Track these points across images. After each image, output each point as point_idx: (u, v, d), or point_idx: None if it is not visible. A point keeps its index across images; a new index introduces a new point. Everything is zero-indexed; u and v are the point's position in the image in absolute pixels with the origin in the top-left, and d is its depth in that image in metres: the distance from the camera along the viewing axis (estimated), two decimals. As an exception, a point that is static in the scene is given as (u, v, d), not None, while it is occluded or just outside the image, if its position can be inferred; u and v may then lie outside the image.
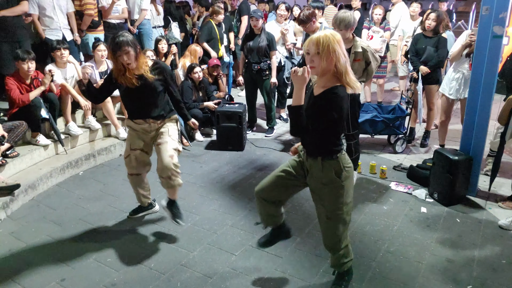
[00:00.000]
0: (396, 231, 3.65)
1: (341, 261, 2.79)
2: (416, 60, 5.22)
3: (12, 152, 4.27)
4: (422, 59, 5.16)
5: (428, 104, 5.45)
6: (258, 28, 5.57)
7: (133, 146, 3.54)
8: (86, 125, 5.29)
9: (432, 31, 5.09)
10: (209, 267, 3.20)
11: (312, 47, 2.33)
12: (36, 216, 3.93)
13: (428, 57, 5.11)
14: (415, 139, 5.72)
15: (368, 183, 4.51)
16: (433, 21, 5.01)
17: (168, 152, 3.35)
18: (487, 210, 3.98)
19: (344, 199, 2.55)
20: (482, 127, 4.03)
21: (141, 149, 3.55)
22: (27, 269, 3.18)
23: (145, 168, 3.68)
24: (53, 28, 5.47)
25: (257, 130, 6.20)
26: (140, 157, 3.58)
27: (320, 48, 2.30)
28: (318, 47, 2.31)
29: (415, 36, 5.38)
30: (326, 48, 2.30)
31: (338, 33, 2.39)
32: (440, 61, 5.14)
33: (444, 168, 4.02)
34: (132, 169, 3.62)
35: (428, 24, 5.06)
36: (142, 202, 3.86)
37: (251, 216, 3.89)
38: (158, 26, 7.05)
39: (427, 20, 5.07)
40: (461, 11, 14.61)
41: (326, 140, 2.46)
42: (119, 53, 3.17)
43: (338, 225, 2.62)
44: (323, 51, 2.30)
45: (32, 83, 4.62)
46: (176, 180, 3.39)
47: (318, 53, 2.31)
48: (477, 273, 3.13)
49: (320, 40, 2.31)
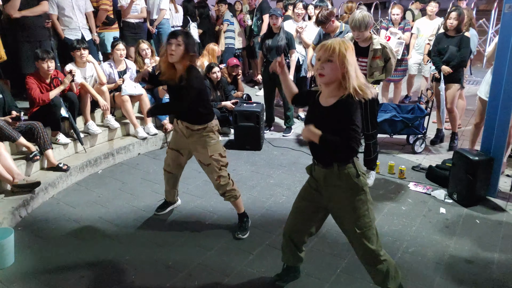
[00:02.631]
0: (414, 232, 3.61)
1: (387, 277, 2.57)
2: (438, 60, 5.13)
3: (36, 156, 4.31)
4: (444, 59, 5.06)
5: (446, 105, 5.33)
6: (277, 27, 5.56)
7: (172, 146, 3.64)
8: (105, 124, 5.36)
9: (454, 30, 5.00)
10: (226, 265, 3.21)
11: (323, 54, 2.23)
12: (55, 214, 4.00)
13: (450, 56, 5.01)
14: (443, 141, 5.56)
15: (387, 184, 4.47)
16: (455, 19, 4.92)
17: (214, 174, 3.47)
18: (507, 211, 3.91)
19: (368, 205, 2.45)
20: (503, 128, 3.95)
21: (177, 150, 3.61)
22: (46, 266, 3.24)
23: (179, 171, 3.76)
24: (72, 28, 5.56)
25: (275, 129, 6.19)
26: (176, 158, 3.64)
27: (331, 55, 2.20)
28: (329, 54, 2.20)
29: (437, 36, 5.28)
30: (338, 56, 2.19)
31: (350, 42, 2.28)
32: (462, 60, 5.02)
33: (464, 169, 3.96)
34: (167, 166, 3.72)
35: (450, 23, 4.97)
36: (169, 198, 3.94)
37: (269, 215, 3.89)
38: (176, 26, 7.10)
39: (448, 19, 4.98)
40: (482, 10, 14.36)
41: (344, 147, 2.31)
42: (171, 40, 3.18)
43: (369, 233, 2.47)
44: (334, 59, 2.19)
45: (52, 82, 4.69)
46: (231, 196, 3.53)
47: (330, 60, 2.21)
48: (497, 275, 3.07)
49: (331, 47, 2.20)
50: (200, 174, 4.63)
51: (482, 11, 13.86)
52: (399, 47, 5.99)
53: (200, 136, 3.41)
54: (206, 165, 3.46)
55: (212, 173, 3.46)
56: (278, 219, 3.80)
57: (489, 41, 9.27)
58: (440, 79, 5.11)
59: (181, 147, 3.59)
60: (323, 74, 2.23)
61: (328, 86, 2.30)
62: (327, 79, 2.26)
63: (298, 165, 4.93)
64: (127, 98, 5.28)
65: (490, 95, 4.02)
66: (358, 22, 3.86)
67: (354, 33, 3.96)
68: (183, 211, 4.01)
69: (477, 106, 4.77)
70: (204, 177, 4.58)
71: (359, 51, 4.07)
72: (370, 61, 4.00)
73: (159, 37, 6.80)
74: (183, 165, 3.73)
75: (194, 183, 4.46)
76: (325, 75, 2.24)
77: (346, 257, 3.27)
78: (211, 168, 3.45)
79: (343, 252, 3.33)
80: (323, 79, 2.26)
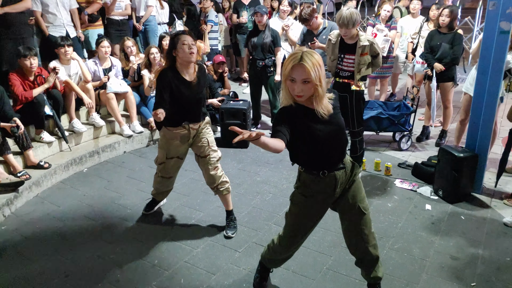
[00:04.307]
0: (400, 228, 3.63)
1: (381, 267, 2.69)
2: (431, 57, 5.14)
3: (24, 175, 4.20)
4: (437, 56, 5.06)
5: (443, 102, 5.35)
6: (262, 24, 5.54)
7: (171, 155, 3.51)
8: (90, 122, 5.30)
9: (447, 27, 5.02)
10: (213, 263, 3.20)
11: (298, 75, 2.12)
12: (40, 213, 3.95)
13: (443, 54, 5.01)
14: (429, 138, 5.62)
15: (373, 180, 4.49)
16: (447, 17, 4.93)
17: (212, 165, 3.44)
18: (492, 207, 3.95)
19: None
20: (488, 124, 3.99)
21: (177, 156, 3.54)
22: (31, 266, 3.20)
23: (178, 171, 3.71)
24: (57, 25, 5.49)
25: (262, 127, 6.18)
26: (176, 163, 3.59)
27: (307, 75, 2.11)
28: (305, 75, 2.11)
29: (430, 33, 5.28)
30: (314, 74, 2.11)
31: (317, 54, 2.19)
32: (455, 58, 5.02)
33: (449, 165, 3.99)
34: (166, 174, 3.64)
35: (442, 21, 4.97)
36: (161, 198, 3.90)
37: (255, 213, 3.88)
38: (162, 22, 7.05)
39: (440, 16, 4.99)
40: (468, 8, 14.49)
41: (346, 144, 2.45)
42: (187, 40, 3.12)
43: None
44: (311, 78, 2.11)
45: (36, 80, 4.61)
46: (224, 188, 3.50)
47: (307, 81, 2.13)
48: (481, 270, 3.11)
49: (307, 66, 2.09)
50: (187, 172, 4.61)
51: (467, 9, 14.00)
52: (385, 44, 6.00)
53: (200, 129, 3.44)
54: (204, 156, 3.44)
55: (210, 164, 3.44)
56: (265, 217, 3.80)
57: (474, 38, 9.35)
58: (432, 77, 5.13)
59: (181, 152, 3.53)
60: (301, 95, 2.19)
61: (309, 100, 2.26)
62: (304, 99, 2.23)
63: (284, 163, 4.93)
64: (112, 95, 5.22)
65: (475, 92, 4.05)
66: (346, 20, 3.85)
67: (342, 30, 3.95)
68: (169, 209, 3.98)
69: (462, 103, 4.81)
70: (191, 175, 4.58)
71: (346, 48, 4.08)
72: (358, 58, 4.00)
73: (145, 34, 6.74)
74: (181, 165, 3.68)
75: (181, 181, 4.43)
76: (302, 96, 2.19)
77: (332, 254, 3.28)
78: (208, 159, 3.43)
79: (329, 249, 3.34)
80: (302, 99, 2.22)
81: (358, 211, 2.50)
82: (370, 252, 2.57)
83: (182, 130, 3.38)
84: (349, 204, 2.50)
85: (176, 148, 3.47)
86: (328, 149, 2.33)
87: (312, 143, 2.29)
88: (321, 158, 2.35)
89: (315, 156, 2.35)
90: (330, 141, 2.31)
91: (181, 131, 3.38)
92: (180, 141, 3.42)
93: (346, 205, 2.51)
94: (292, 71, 2.14)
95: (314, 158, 2.36)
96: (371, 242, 2.57)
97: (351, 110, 4.21)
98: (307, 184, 2.44)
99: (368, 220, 2.53)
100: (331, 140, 2.31)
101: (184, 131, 3.38)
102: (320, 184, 2.40)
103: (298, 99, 2.22)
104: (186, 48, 3.13)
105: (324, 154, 2.34)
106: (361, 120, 4.30)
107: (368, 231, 2.54)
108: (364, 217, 2.51)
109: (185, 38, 3.14)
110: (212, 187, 3.51)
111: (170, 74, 3.21)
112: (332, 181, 2.40)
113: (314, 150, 2.32)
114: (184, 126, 3.36)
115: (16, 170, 4.17)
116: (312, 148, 2.31)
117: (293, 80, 2.16)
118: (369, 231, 2.55)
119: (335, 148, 2.36)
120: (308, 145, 2.31)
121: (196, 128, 3.41)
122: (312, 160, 2.37)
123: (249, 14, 7.58)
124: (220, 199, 3.61)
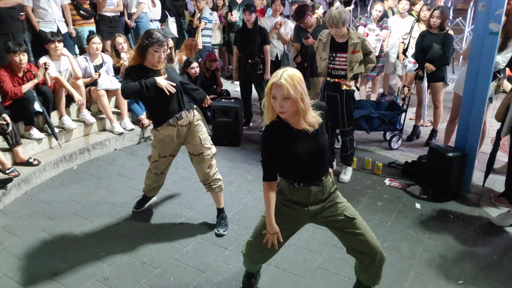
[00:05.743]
0: (389, 227, 3.65)
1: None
2: (421, 57, 5.16)
3: (13, 172, 4.16)
4: (428, 57, 5.08)
5: (434, 102, 5.39)
6: (251, 23, 5.53)
7: (163, 154, 3.52)
8: (81, 119, 5.26)
9: (438, 28, 5.05)
10: (203, 261, 3.20)
11: (277, 93, 2.21)
12: (29, 210, 3.92)
13: (433, 54, 5.04)
14: (420, 137, 5.65)
15: (363, 179, 4.51)
16: (438, 18, 4.95)
17: (206, 163, 3.44)
18: (480, 207, 3.99)
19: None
20: (477, 124, 4.02)
21: (170, 154, 3.55)
22: (19, 263, 3.18)
23: (169, 166, 3.71)
24: (48, 21, 5.44)
25: (254, 125, 6.18)
26: (169, 160, 3.62)
27: (286, 92, 2.17)
28: (284, 92, 2.18)
29: (421, 33, 5.30)
30: (293, 91, 2.18)
31: (296, 70, 2.28)
32: (446, 58, 5.05)
33: (438, 165, 4.02)
34: (158, 170, 3.65)
35: (433, 22, 4.99)
36: (152, 194, 3.90)
37: (246, 211, 3.89)
38: (154, 19, 7.02)
39: (431, 18, 5.01)
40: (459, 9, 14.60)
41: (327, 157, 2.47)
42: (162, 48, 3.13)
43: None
44: (291, 94, 2.18)
45: (25, 76, 4.57)
46: (217, 186, 3.50)
47: (287, 98, 2.20)
48: (469, 268, 3.14)
49: (285, 84, 2.17)
50: (178, 170, 4.61)
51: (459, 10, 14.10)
52: (377, 43, 6.03)
53: (192, 126, 3.43)
54: (198, 155, 3.43)
55: (204, 162, 3.44)
56: (255, 215, 3.80)
57: (465, 39, 9.43)
58: (423, 77, 5.16)
59: (173, 149, 3.54)
60: (284, 111, 2.26)
61: (293, 116, 2.32)
62: (287, 115, 2.28)
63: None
64: (103, 92, 5.19)
65: (464, 92, 4.08)
66: (335, 19, 3.85)
67: (332, 30, 3.96)
68: (160, 207, 3.97)
69: (453, 103, 4.85)
70: (182, 173, 4.57)
71: (337, 47, 4.09)
72: (350, 56, 4.01)
73: (137, 31, 6.71)
74: (172, 160, 3.70)
75: (171, 179, 4.42)
76: (285, 112, 2.26)
77: (322, 252, 3.29)
78: (202, 157, 3.43)
79: (319, 247, 3.35)
80: (285, 115, 2.29)
81: (346, 219, 2.50)
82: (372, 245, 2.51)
83: (171, 129, 3.36)
84: (334, 217, 2.51)
85: (169, 146, 3.47)
86: (306, 165, 2.40)
87: (292, 157, 2.37)
88: (299, 171, 2.43)
89: (293, 168, 2.42)
90: (310, 158, 2.37)
91: (170, 130, 3.36)
92: (172, 140, 3.41)
93: (331, 219, 2.52)
94: (273, 89, 2.23)
95: (292, 170, 2.44)
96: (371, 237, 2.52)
97: (341, 109, 4.22)
98: (283, 191, 2.50)
99: (359, 222, 2.51)
100: (311, 157, 2.37)
101: (173, 129, 3.37)
102: (295, 194, 2.46)
103: (281, 115, 2.30)
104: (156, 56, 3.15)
105: (301, 168, 2.41)
106: (351, 119, 4.31)
107: (365, 230, 2.51)
108: (355, 221, 2.49)
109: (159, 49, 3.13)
110: (205, 184, 3.51)
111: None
112: (306, 194, 2.45)
113: (293, 163, 2.40)
114: (172, 124, 3.34)
115: (4, 167, 4.13)
116: (291, 161, 2.39)
117: (274, 97, 2.25)
118: (365, 230, 2.51)
119: (314, 164, 2.41)
120: (288, 157, 2.38)
121: (185, 125, 3.40)
122: (290, 171, 2.45)
123: (240, 13, 7.57)
124: (212, 196, 3.62)
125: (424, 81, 5.13)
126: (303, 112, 2.27)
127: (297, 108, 2.24)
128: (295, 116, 2.30)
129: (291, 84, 2.19)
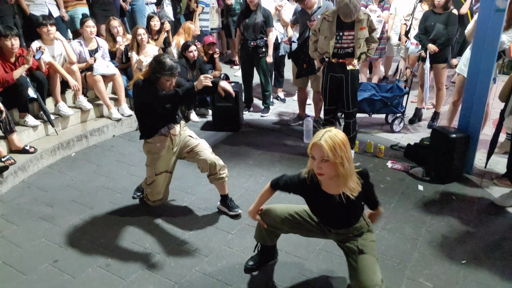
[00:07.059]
0: (392, 209, 3.62)
1: None
2: (425, 38, 5.08)
3: (9, 160, 4.06)
4: (431, 37, 5.00)
5: (437, 84, 5.32)
6: (254, 4, 5.43)
7: (158, 171, 3.41)
8: (77, 106, 5.18)
9: (442, 8, 4.96)
10: (205, 246, 3.16)
11: (316, 154, 2.18)
12: (27, 198, 3.86)
13: (437, 34, 4.96)
14: (422, 120, 5.61)
15: (365, 162, 4.47)
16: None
17: (208, 150, 3.41)
18: (482, 187, 3.97)
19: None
20: (480, 106, 3.97)
21: (165, 171, 3.44)
22: (19, 251, 3.13)
23: (168, 188, 3.56)
24: (38, 3, 5.28)
25: (254, 110, 6.11)
26: (167, 178, 3.49)
27: (325, 154, 2.14)
28: (324, 154, 2.14)
29: (424, 13, 5.21)
30: (332, 155, 2.13)
31: (342, 133, 2.22)
32: (449, 39, 4.98)
33: (441, 146, 3.98)
34: (157, 195, 3.50)
35: (437, 1, 4.91)
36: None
37: (248, 195, 3.84)
38: (150, 2, 6.87)
39: None
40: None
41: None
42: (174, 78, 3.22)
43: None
44: (329, 157, 2.14)
45: (18, 61, 4.43)
46: (224, 173, 3.45)
47: (326, 160, 2.16)
48: (471, 248, 3.14)
49: (324, 146, 2.13)
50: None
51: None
52: (379, 25, 5.93)
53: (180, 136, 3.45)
54: (191, 149, 3.41)
55: (206, 148, 3.42)
56: (257, 199, 3.75)
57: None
58: (425, 58, 5.09)
59: (169, 165, 3.45)
60: (322, 173, 2.22)
61: (330, 180, 2.29)
62: (326, 177, 2.25)
63: (276, 146, 4.89)
64: (99, 78, 5.10)
65: (468, 73, 4.02)
66: (353, 14, 3.85)
67: (346, 19, 3.90)
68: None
69: (456, 84, 4.79)
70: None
71: (344, 25, 4.01)
72: (358, 32, 3.96)
73: (132, 14, 6.57)
74: (170, 181, 3.57)
75: (171, 164, 4.36)
76: (324, 174, 2.22)
77: (325, 235, 3.26)
78: (200, 145, 3.41)
79: (322, 230, 3.32)
80: (322, 177, 2.27)
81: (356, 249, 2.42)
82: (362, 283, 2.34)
83: (163, 139, 3.35)
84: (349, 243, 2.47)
85: (163, 160, 3.39)
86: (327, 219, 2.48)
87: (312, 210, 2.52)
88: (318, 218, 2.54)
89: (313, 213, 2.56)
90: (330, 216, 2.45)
91: (162, 141, 3.35)
92: (165, 151, 3.37)
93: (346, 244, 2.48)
94: (313, 149, 2.20)
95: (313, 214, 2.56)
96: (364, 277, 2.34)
97: (346, 90, 4.16)
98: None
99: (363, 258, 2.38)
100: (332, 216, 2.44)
101: (165, 139, 3.36)
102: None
103: (319, 177, 2.28)
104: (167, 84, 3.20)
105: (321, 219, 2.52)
106: (355, 101, 4.26)
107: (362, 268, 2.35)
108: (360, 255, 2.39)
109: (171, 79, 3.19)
110: (214, 173, 3.40)
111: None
112: (327, 232, 2.55)
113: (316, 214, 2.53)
114: (164, 134, 3.33)
115: (0, 155, 4.06)
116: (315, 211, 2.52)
117: (313, 158, 2.21)
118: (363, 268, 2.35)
119: (334, 220, 2.46)
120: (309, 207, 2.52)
121: (176, 134, 3.39)
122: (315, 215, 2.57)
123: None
124: (216, 186, 3.54)
125: (426, 62, 5.06)
126: (343, 177, 2.21)
127: (336, 172, 2.19)
128: (332, 179, 2.26)
129: (331, 146, 2.13)
